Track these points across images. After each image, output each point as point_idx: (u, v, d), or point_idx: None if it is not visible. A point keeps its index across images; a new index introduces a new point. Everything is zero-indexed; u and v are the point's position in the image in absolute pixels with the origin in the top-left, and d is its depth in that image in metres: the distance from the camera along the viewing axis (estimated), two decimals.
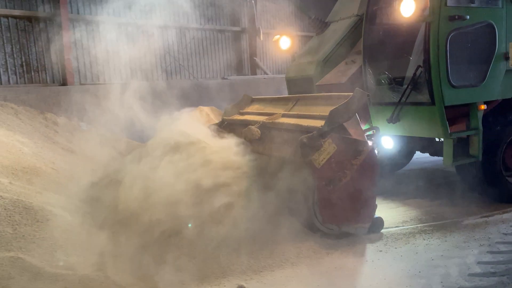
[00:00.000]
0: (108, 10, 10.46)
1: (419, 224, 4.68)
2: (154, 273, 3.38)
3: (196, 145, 4.75)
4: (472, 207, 5.02)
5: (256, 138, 4.63)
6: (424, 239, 4.20)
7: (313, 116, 4.33)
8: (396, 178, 6.67)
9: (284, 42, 6.33)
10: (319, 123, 4.03)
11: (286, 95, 6.25)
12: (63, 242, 3.52)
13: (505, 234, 4.18)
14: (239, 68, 13.38)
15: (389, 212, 5.07)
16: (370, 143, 4.19)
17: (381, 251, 3.96)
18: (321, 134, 3.97)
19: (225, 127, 5.55)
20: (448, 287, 3.23)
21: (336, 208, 4.04)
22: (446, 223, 4.63)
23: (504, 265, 3.52)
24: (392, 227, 4.58)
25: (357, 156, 4.07)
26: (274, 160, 4.30)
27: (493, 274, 3.40)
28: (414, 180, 6.43)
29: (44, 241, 3.45)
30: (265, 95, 6.80)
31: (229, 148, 4.57)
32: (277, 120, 4.68)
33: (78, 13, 9.98)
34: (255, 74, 13.15)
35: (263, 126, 4.72)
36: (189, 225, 3.81)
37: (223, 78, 12.54)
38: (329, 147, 3.96)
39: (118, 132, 8.21)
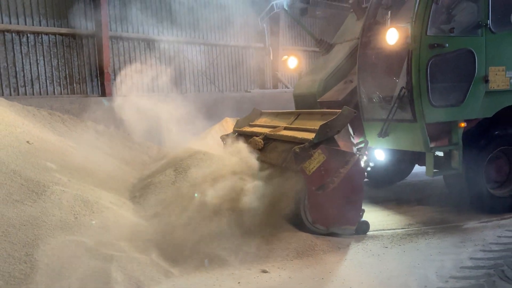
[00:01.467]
0: (143, 28, 11.48)
1: (422, 226, 5.18)
2: (190, 257, 4.04)
3: (210, 158, 5.56)
4: (472, 213, 5.47)
5: (259, 148, 5.33)
6: (426, 239, 4.71)
7: (308, 129, 4.97)
8: (403, 187, 7.23)
9: (291, 62, 7.02)
10: (312, 136, 4.65)
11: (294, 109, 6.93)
12: (115, 230, 4.14)
13: (499, 237, 4.64)
14: (262, 82, 14.14)
15: (397, 216, 5.66)
16: (357, 154, 4.80)
17: (386, 247, 4.50)
18: (312, 145, 4.56)
19: (236, 137, 6.29)
20: (441, 276, 3.72)
21: (324, 210, 4.60)
22: (447, 226, 5.13)
23: (493, 261, 4.01)
24: (398, 229, 5.13)
25: (345, 165, 4.61)
26: (273, 167, 5.00)
27: (482, 267, 3.89)
28: (421, 190, 6.98)
29: (99, 228, 4.08)
30: (285, 108, 7.44)
31: (237, 157, 5.33)
32: (278, 132, 5.37)
33: (116, 30, 11.01)
34: (277, 88, 13.85)
35: (266, 137, 5.43)
36: (195, 194, 4.52)
37: (246, 91, 13.31)
38: (319, 156, 4.54)
39: (151, 139, 9.06)
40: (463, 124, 5.08)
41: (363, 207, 4.84)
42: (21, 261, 3.51)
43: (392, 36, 4.77)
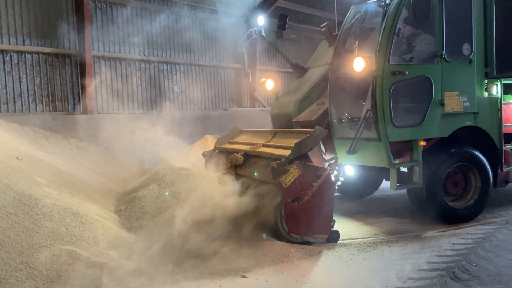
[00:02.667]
0: (125, 48, 11.84)
1: (387, 236, 5.63)
2: (173, 263, 4.38)
3: (193, 174, 5.95)
4: (431, 224, 5.97)
5: (239, 164, 5.77)
6: (389, 247, 5.17)
7: (284, 147, 5.44)
8: (371, 201, 7.73)
9: (269, 84, 7.56)
10: (288, 152, 5.10)
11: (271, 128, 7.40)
12: (103, 240, 4.42)
13: (454, 244, 5.13)
14: (239, 101, 14.65)
15: (364, 227, 6.12)
16: (328, 169, 5.29)
17: (354, 254, 4.94)
18: (288, 161, 5.02)
19: (216, 154, 6.70)
20: (401, 278, 4.16)
21: (299, 220, 5.03)
22: (409, 235, 5.61)
23: (446, 264, 4.47)
24: (365, 238, 5.57)
25: (317, 179, 5.10)
26: (252, 181, 5.43)
27: (436, 270, 4.33)
28: (387, 203, 7.50)
29: (89, 238, 4.35)
30: (262, 126, 7.90)
31: (218, 173, 5.75)
32: (257, 149, 5.81)
33: (99, 50, 11.33)
34: (254, 107, 14.37)
35: (246, 153, 5.87)
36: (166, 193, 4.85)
37: (225, 110, 13.77)
38: (294, 171, 5.00)
39: (131, 156, 9.32)
40: (422, 143, 5.60)
41: (334, 218, 5.29)
42: (17, 268, 3.77)
43: (359, 64, 5.31)
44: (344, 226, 5.99)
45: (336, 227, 5.38)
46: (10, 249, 3.92)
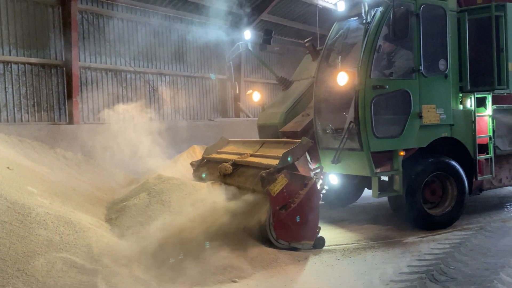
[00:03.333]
0: (112, 59, 11.95)
1: (370, 241, 5.90)
2: (165, 270, 4.53)
3: (183, 183, 6.12)
4: (412, 230, 6.26)
5: (228, 173, 5.97)
6: (372, 252, 5.44)
7: (272, 156, 5.66)
8: (355, 208, 8.01)
9: (255, 96, 7.83)
10: (275, 162, 5.34)
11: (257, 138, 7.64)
12: (97, 248, 4.50)
13: (433, 249, 5.41)
14: (224, 111, 14.87)
15: (348, 233, 6.38)
16: (314, 178, 5.54)
17: (339, 259, 5.19)
18: (276, 170, 5.25)
19: (205, 163, 6.88)
20: (383, 281, 4.42)
21: (287, 228, 5.26)
22: (390, 241, 5.88)
23: (425, 267, 4.73)
24: (349, 244, 5.82)
25: (304, 187, 5.36)
26: (241, 190, 5.63)
27: (416, 272, 4.60)
28: (369, 211, 7.79)
29: (83, 246, 4.44)
30: (247, 136, 8.13)
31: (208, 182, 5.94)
32: (245, 159, 6.03)
33: (85, 61, 11.41)
34: (239, 117, 14.61)
35: (234, 163, 6.07)
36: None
37: (210, 120, 13.97)
38: (282, 180, 5.25)
39: (117, 166, 9.39)
40: (402, 153, 5.91)
41: (319, 225, 5.53)
42: (13, 276, 3.85)
43: (342, 78, 5.61)
44: (329, 233, 6.23)
45: (321, 233, 5.61)
46: (6, 257, 4.00)
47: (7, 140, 8.15)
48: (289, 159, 5.32)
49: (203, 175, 6.62)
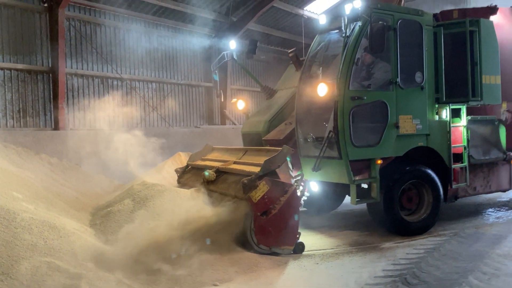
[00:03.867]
0: (98, 66, 12.05)
1: (348, 247, 6.05)
2: (148, 274, 4.63)
3: (167, 189, 6.25)
4: (389, 236, 6.45)
5: (211, 180, 6.12)
6: (350, 257, 5.60)
7: (254, 164, 5.82)
8: (336, 215, 8.20)
9: (240, 104, 8.03)
10: (257, 169, 5.50)
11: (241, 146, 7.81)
12: (81, 252, 4.59)
13: (408, 254, 5.59)
14: (210, 119, 15.02)
15: (328, 239, 6.53)
16: (294, 185, 5.72)
17: (317, 263, 5.35)
18: (258, 177, 5.41)
19: (189, 170, 7.02)
20: (359, 284, 4.59)
21: (267, 233, 5.39)
22: (368, 246, 6.06)
23: (399, 271, 4.93)
24: (328, 249, 5.98)
25: (284, 194, 5.52)
26: (223, 196, 5.79)
27: (391, 276, 4.80)
28: (349, 217, 7.98)
29: (68, 251, 4.53)
30: (232, 143, 8.29)
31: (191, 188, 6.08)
32: (228, 166, 6.19)
33: (71, 67, 11.49)
34: (225, 124, 14.77)
35: (218, 170, 6.23)
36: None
37: (196, 127, 14.10)
38: (263, 187, 5.39)
39: (102, 172, 9.46)
40: (379, 161, 6.10)
41: (299, 230, 5.68)
42: None
43: (322, 89, 5.83)
44: (309, 238, 6.40)
45: (302, 239, 5.76)
46: None
47: None
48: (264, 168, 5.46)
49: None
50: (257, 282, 4.74)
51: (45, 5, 10.85)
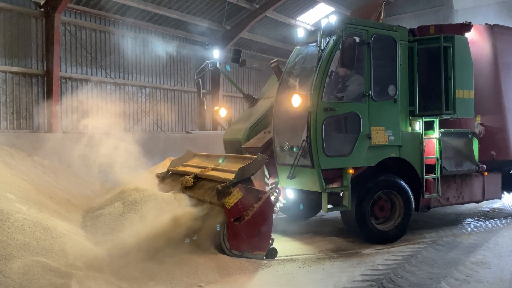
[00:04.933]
0: (92, 70, 12.33)
1: (330, 252, 6.26)
2: (136, 275, 4.85)
3: (154, 194, 6.50)
4: (371, 243, 6.59)
5: (189, 185, 6.36)
6: (331, 261, 5.82)
7: (230, 171, 6.01)
8: (320, 222, 8.42)
9: (222, 112, 8.29)
10: (233, 176, 5.69)
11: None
12: (72, 253, 4.75)
13: (386, 260, 5.84)
14: (202, 124, 15.28)
15: (311, 245, 6.72)
16: (268, 192, 5.94)
17: (299, 267, 5.55)
18: (232, 184, 5.58)
19: (169, 175, 7.25)
20: (337, 287, 4.87)
21: (240, 238, 5.52)
22: (349, 252, 6.28)
23: (376, 276, 5.17)
24: (310, 254, 6.18)
25: (258, 201, 5.67)
26: (200, 202, 6.03)
27: (368, 281, 5.05)
28: (333, 224, 8.18)
29: (59, 251, 4.68)
30: (223, 149, 8.44)
31: (171, 194, 6.31)
32: (206, 172, 6.43)
33: (66, 71, 11.78)
34: (216, 130, 15.03)
35: (196, 176, 6.47)
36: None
37: (187, 132, 14.36)
38: (237, 193, 5.52)
39: (94, 175, 9.63)
40: (351, 171, 6.27)
41: (273, 236, 5.87)
42: None
43: (296, 100, 6.08)
44: (293, 244, 6.68)
45: (286, 244, 5.99)
46: None
47: None
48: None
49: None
50: (241, 284, 4.95)
51: (42, 10, 11.16)
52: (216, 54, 8.50)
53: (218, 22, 14.98)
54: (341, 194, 6.49)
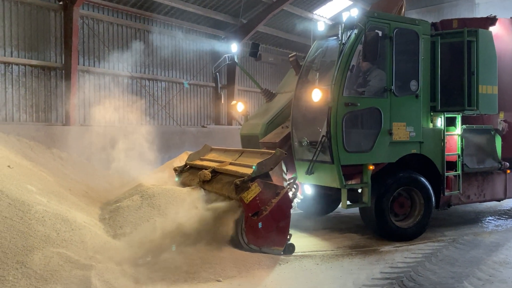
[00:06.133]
0: (110, 64, 12.39)
1: (348, 249, 6.19)
2: (154, 268, 4.88)
3: (172, 188, 6.50)
4: (390, 240, 6.49)
5: (207, 180, 6.34)
6: (349, 258, 5.75)
7: (248, 166, 5.91)
8: (337, 218, 8.35)
9: (239, 106, 8.23)
10: (251, 171, 5.65)
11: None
12: (92, 244, 4.82)
13: (406, 258, 5.75)
14: (217, 119, 15.27)
15: (328, 241, 6.66)
16: (286, 187, 5.89)
17: (317, 264, 5.51)
18: (250, 179, 5.56)
19: (187, 169, 7.25)
20: (356, 284, 4.79)
21: (258, 233, 5.50)
22: (368, 249, 6.20)
23: (396, 274, 5.10)
24: (328, 250, 6.13)
25: (276, 196, 5.64)
26: (218, 196, 6.01)
27: (388, 278, 4.97)
28: (350, 221, 8.10)
29: (78, 243, 4.75)
30: (238, 143, 8.40)
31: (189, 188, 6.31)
32: (224, 167, 6.40)
33: (84, 64, 11.85)
34: (231, 125, 15.01)
35: (214, 170, 6.45)
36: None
37: (203, 126, 14.38)
38: (255, 188, 5.50)
39: (111, 168, 9.72)
40: (371, 167, 6.19)
41: (291, 232, 5.84)
42: (13, 267, 4.18)
43: (316, 95, 6.00)
44: (310, 240, 6.63)
45: (303, 240, 5.93)
46: (7, 250, 4.34)
47: (6, 139, 8.51)
48: (254, 167, 5.64)
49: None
50: (259, 279, 4.94)
51: (60, 3, 11.22)
52: (234, 47, 8.45)
53: (234, 15, 14.90)
54: (359, 190, 6.42)
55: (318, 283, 4.90)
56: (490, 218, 8.42)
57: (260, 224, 5.50)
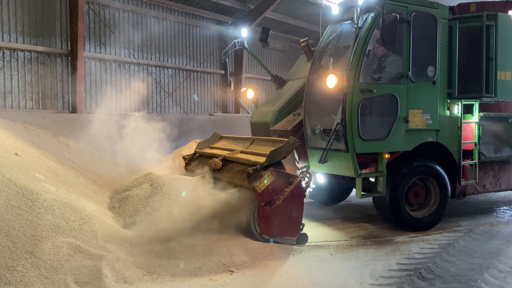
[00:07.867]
0: (116, 50, 12.20)
1: (362, 239, 6.09)
2: (166, 258, 4.76)
3: (182, 177, 6.37)
4: (404, 230, 6.42)
5: (218, 168, 6.20)
6: (364, 249, 5.64)
7: (260, 154, 5.82)
8: (349, 207, 8.23)
9: (249, 93, 8.05)
10: (263, 159, 5.51)
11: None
12: (102, 234, 4.73)
13: (422, 248, 5.65)
14: (224, 107, 15.09)
15: (342, 231, 6.57)
16: (299, 176, 5.74)
17: (332, 254, 5.40)
18: (263, 167, 5.42)
19: (196, 158, 7.10)
20: (373, 276, 4.67)
21: (270, 223, 5.39)
22: (382, 240, 6.08)
23: (413, 265, 4.99)
24: (342, 240, 6.02)
25: (289, 185, 5.50)
26: (228, 184, 5.87)
27: (405, 270, 4.86)
28: (363, 210, 7.99)
29: (88, 232, 4.66)
30: (246, 131, 8.29)
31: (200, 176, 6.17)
32: (235, 155, 6.25)
33: (90, 51, 11.67)
34: (238, 113, 14.84)
35: (224, 159, 6.30)
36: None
37: (210, 114, 14.21)
38: (268, 177, 5.36)
39: (118, 156, 9.62)
40: (387, 155, 6.04)
41: (303, 222, 5.72)
42: (22, 257, 4.10)
43: (331, 81, 5.80)
44: (322, 230, 6.50)
45: (316, 230, 5.81)
46: (15, 239, 4.25)
47: (13, 126, 8.37)
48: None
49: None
50: (272, 270, 4.83)
51: None
52: (244, 32, 8.24)
53: (242, 1, 14.62)
54: (372, 179, 6.27)
55: (334, 274, 4.78)
56: (505, 208, 8.28)
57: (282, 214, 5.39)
